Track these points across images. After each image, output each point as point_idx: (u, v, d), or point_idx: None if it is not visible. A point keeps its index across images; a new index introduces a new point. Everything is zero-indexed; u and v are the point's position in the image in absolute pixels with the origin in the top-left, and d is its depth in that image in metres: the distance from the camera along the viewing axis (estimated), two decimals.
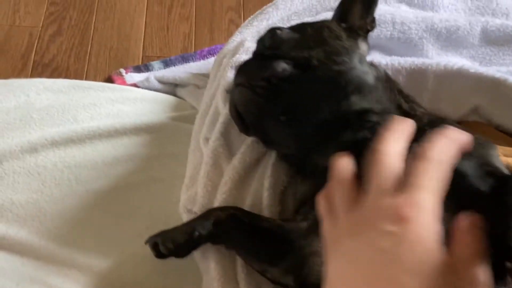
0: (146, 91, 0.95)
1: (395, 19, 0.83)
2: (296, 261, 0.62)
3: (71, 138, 0.83)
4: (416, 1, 0.92)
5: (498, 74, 0.75)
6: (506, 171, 0.57)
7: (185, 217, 0.79)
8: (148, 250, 0.78)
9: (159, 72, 1.07)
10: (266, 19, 0.95)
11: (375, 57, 0.79)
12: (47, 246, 0.76)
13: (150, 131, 0.86)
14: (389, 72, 0.78)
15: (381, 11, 0.87)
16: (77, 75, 1.15)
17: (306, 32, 0.69)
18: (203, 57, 1.20)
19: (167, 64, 1.18)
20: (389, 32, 0.83)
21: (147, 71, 1.15)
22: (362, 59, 0.67)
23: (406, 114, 0.64)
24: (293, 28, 0.71)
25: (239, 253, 0.70)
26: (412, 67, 0.78)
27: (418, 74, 0.78)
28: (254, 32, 0.92)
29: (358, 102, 0.62)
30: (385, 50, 0.83)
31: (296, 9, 0.94)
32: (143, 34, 1.22)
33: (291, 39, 0.67)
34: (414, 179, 0.41)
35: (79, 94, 0.91)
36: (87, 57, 1.18)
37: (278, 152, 0.72)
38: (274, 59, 0.64)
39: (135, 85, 1.03)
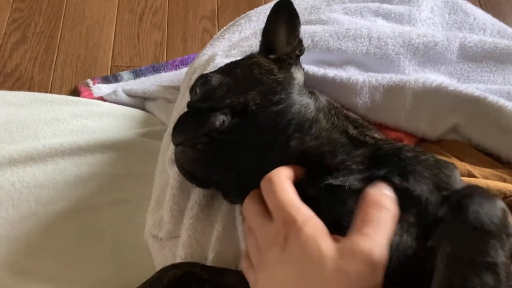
0: (114, 105, 0.91)
1: (371, 34, 0.80)
2: None
3: (31, 156, 0.78)
4: (393, 15, 0.89)
5: (477, 93, 0.72)
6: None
7: (151, 243, 0.75)
8: (113, 276, 0.73)
9: (128, 84, 1.02)
10: (238, 31, 0.91)
11: (351, 73, 0.76)
12: (1, 275, 0.71)
13: (116, 148, 0.81)
14: (366, 90, 0.76)
15: (357, 25, 0.84)
16: (42, 86, 1.09)
17: (237, 74, 0.65)
18: (175, 67, 1.15)
19: (137, 74, 1.12)
20: (365, 47, 0.80)
21: (116, 82, 1.09)
22: (300, 90, 0.63)
23: (354, 139, 0.61)
24: (223, 71, 0.68)
25: None
26: (390, 84, 0.75)
27: (395, 91, 0.75)
28: (226, 45, 0.88)
29: (299, 143, 0.59)
30: (361, 65, 0.80)
31: None
32: (112, 43, 1.17)
33: (223, 84, 0.63)
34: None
35: (41, 108, 0.85)
36: (53, 66, 1.12)
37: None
38: (211, 112, 0.60)
39: (101, 98, 0.98)
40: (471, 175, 0.69)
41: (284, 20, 0.68)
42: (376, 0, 0.92)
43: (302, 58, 0.79)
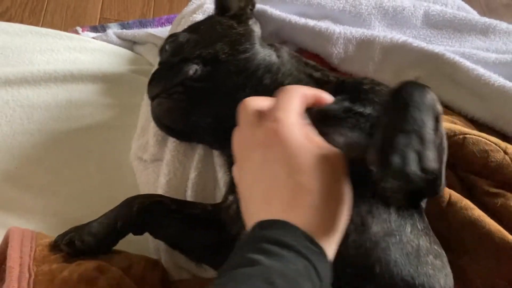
0: (105, 43, 0.95)
1: None
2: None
3: (26, 79, 0.82)
4: None
5: (437, 49, 0.81)
6: None
7: (136, 165, 0.80)
8: (98, 190, 0.78)
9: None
10: None
11: (329, 25, 0.84)
12: None
13: (107, 80, 0.86)
14: (341, 41, 0.84)
15: None
16: None
17: (202, 31, 0.72)
18: (161, 24, 1.20)
19: (124, 27, 1.16)
20: (342, 5, 0.88)
21: (104, 32, 1.13)
22: (261, 42, 0.70)
23: (319, 81, 0.68)
24: (188, 31, 0.74)
25: (166, 241, 0.69)
26: (362, 37, 0.83)
27: (366, 44, 0.83)
28: None
29: (272, 81, 0.66)
30: (337, 21, 0.88)
31: None
32: None
33: (191, 40, 0.70)
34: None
35: (36, 39, 0.89)
36: (43, 13, 1.15)
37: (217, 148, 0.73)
38: (183, 63, 0.66)
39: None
40: None
41: None
42: None
43: (283, 8, 0.87)
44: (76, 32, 1.11)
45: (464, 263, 0.67)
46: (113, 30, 1.10)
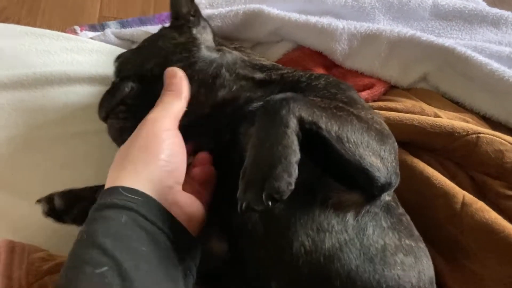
0: (103, 43, 0.91)
1: None
2: None
3: (21, 82, 0.78)
4: None
5: (447, 43, 0.77)
6: None
7: None
8: None
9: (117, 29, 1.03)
10: None
11: (331, 21, 0.80)
12: None
13: (105, 83, 0.82)
14: (345, 36, 0.80)
15: None
16: None
17: (144, 47, 0.71)
18: (162, 21, 1.16)
19: (123, 25, 1.13)
20: (343, 1, 0.84)
21: (103, 31, 1.10)
22: (206, 48, 0.68)
23: (261, 83, 0.66)
24: (135, 48, 0.74)
25: None
26: (367, 32, 0.79)
27: (372, 39, 0.79)
28: None
29: (207, 94, 0.64)
30: (339, 16, 0.83)
31: None
32: None
33: (131, 59, 0.70)
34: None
35: (32, 40, 0.85)
36: (40, 11, 1.11)
37: None
38: (120, 82, 0.66)
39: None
40: (437, 116, 0.73)
41: None
42: None
43: (282, 6, 0.83)
44: (75, 32, 1.07)
45: (477, 268, 0.64)
46: (112, 29, 1.06)
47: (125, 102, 0.65)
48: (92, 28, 1.09)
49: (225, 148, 0.62)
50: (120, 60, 0.71)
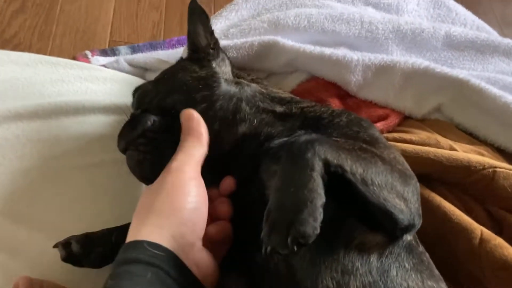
0: (116, 72, 0.91)
1: (363, 19, 0.85)
2: None
3: (36, 112, 0.78)
4: (382, 5, 0.94)
5: (461, 75, 0.77)
6: None
7: None
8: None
9: (128, 55, 1.03)
10: (235, 10, 0.94)
11: (346, 53, 0.80)
12: (3, 222, 0.71)
13: (119, 112, 0.81)
14: (359, 68, 0.80)
15: (350, 10, 0.89)
16: (40, 54, 1.09)
17: (164, 80, 0.71)
18: (172, 46, 1.17)
19: (134, 50, 1.13)
20: (357, 31, 0.84)
21: (114, 56, 1.10)
22: (226, 81, 0.68)
23: (282, 116, 0.66)
24: (155, 80, 0.72)
25: None
26: (382, 63, 0.80)
27: (386, 70, 0.80)
28: (224, 25, 0.91)
29: (229, 130, 0.64)
30: (353, 47, 0.84)
31: (265, 3, 0.94)
32: (111, 19, 1.18)
33: (152, 91, 0.69)
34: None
35: (46, 70, 0.85)
36: (51, 36, 1.12)
37: None
38: (142, 115, 0.65)
39: (103, 67, 0.98)
40: (452, 149, 0.73)
41: (198, 20, 0.72)
42: None
43: (296, 37, 0.83)
44: (86, 57, 1.08)
45: None
46: (123, 55, 1.07)
47: (146, 135, 0.65)
48: (103, 52, 1.10)
49: (244, 184, 0.62)
50: (140, 92, 0.71)
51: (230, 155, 0.64)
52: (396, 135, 0.77)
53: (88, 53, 1.08)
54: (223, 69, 0.71)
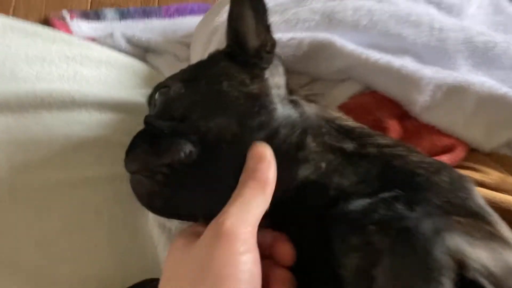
0: (113, 52, 0.69)
1: (433, 24, 0.68)
2: None
3: (7, 103, 0.57)
4: (443, 5, 0.78)
5: None
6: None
7: (157, 233, 0.59)
8: (110, 268, 0.58)
9: (127, 27, 0.81)
10: None
11: (417, 68, 0.64)
12: None
13: (118, 110, 0.62)
14: (431, 87, 0.65)
15: (417, 10, 0.72)
16: (2, 8, 0.85)
17: (202, 86, 0.50)
18: (170, 15, 0.95)
19: (123, 15, 0.91)
20: (426, 38, 0.67)
21: (98, 20, 0.88)
22: (281, 101, 0.50)
23: (352, 156, 0.49)
24: (185, 78, 0.52)
25: None
26: (455, 84, 0.64)
27: (458, 92, 0.64)
28: None
29: (286, 174, 0.46)
30: (417, 57, 0.68)
31: None
32: None
33: (186, 98, 0.49)
34: None
35: (19, 41, 0.63)
36: None
37: None
38: (174, 137, 0.46)
39: (93, 41, 0.77)
40: None
41: (249, 3, 0.52)
42: None
43: (354, 37, 0.66)
44: (63, 19, 0.85)
45: None
46: (108, 19, 0.85)
47: (173, 165, 0.47)
48: (85, 16, 0.88)
49: (305, 248, 0.46)
50: (168, 96, 0.50)
51: (285, 205, 0.47)
52: (462, 172, 0.64)
53: (66, 14, 0.85)
54: (276, 81, 0.52)
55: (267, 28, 0.52)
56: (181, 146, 0.46)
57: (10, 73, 0.60)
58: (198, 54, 0.69)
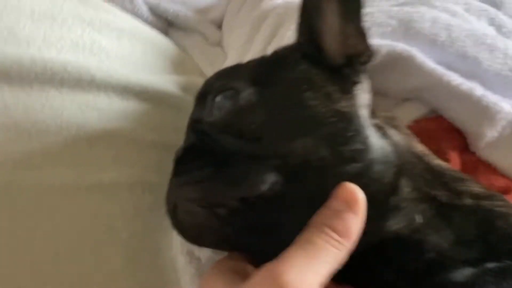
0: (136, 22, 0.54)
1: (508, 50, 0.61)
2: None
3: (7, 71, 0.42)
4: (504, 30, 0.71)
5: None
6: None
7: (183, 262, 0.47)
8: None
9: None
10: None
11: (496, 100, 0.56)
12: None
13: (143, 99, 0.49)
14: (504, 122, 0.58)
15: (491, 33, 0.64)
16: None
17: (279, 94, 0.39)
18: None
19: None
20: (499, 65, 0.60)
21: None
22: (370, 124, 0.40)
23: (445, 208, 0.40)
24: (257, 80, 0.40)
25: None
26: None
27: None
28: None
29: (378, 223, 0.37)
30: (485, 84, 0.61)
31: None
32: None
33: (260, 113, 0.38)
34: None
35: None
36: None
37: None
38: (252, 163, 0.36)
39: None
40: None
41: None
42: (493, 4, 0.72)
43: (430, 52, 0.58)
44: None
45: None
46: None
47: (247, 200, 0.35)
48: None
49: None
50: (237, 102, 0.38)
51: (361, 261, 0.37)
52: None
53: None
54: (363, 99, 0.42)
55: (360, 31, 0.41)
56: (264, 177, 0.35)
57: (8, 31, 0.44)
58: (239, 43, 0.56)
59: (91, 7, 0.51)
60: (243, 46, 0.55)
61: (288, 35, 0.54)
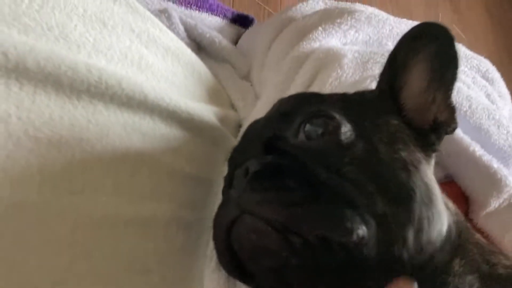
0: (180, 43, 0.47)
1: (509, 128, 0.65)
2: None
3: (59, 77, 0.36)
4: (491, 99, 0.75)
5: None
6: None
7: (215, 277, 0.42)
8: None
9: (188, 11, 0.60)
10: (354, 28, 0.63)
11: (504, 169, 0.59)
12: None
13: (186, 127, 0.44)
14: (506, 196, 0.61)
15: (500, 110, 0.68)
16: None
17: (379, 151, 0.37)
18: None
19: None
20: (503, 141, 0.62)
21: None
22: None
23: (488, 278, 0.42)
24: (349, 119, 0.38)
25: None
26: None
27: None
28: (338, 42, 0.61)
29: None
30: (497, 154, 0.63)
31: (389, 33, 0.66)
32: None
33: (361, 158, 0.36)
34: None
35: None
36: None
37: None
38: (345, 209, 0.33)
39: None
40: None
41: (428, 57, 0.40)
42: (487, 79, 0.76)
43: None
44: None
45: None
46: (181, 17, 0.64)
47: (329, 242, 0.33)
48: None
49: None
50: (338, 139, 0.36)
51: None
52: None
53: None
54: (431, 168, 0.42)
55: (449, 103, 0.41)
56: (359, 228, 0.33)
57: (60, 30, 0.38)
58: (277, 80, 0.54)
59: (140, 15, 0.46)
60: (283, 83, 0.53)
61: (329, 82, 0.53)
